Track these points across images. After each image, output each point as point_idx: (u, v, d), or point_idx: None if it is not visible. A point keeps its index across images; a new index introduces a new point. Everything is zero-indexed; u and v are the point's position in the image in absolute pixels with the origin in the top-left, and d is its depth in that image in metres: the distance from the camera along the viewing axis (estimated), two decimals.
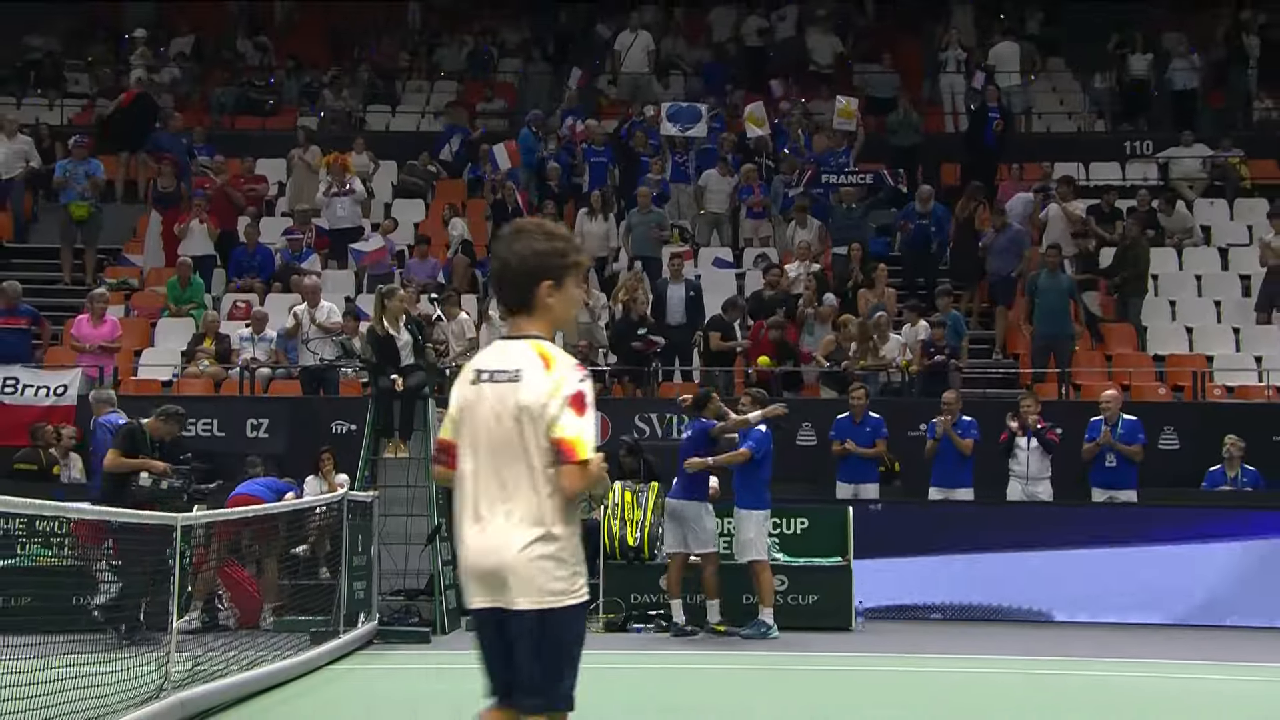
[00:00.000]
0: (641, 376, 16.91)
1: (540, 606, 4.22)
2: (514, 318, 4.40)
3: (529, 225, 4.45)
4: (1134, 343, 18.16)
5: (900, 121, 21.65)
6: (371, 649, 11.53)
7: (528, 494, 4.26)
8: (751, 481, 12.38)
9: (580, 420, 4.21)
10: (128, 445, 11.81)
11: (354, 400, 15.67)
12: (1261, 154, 21.74)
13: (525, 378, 4.28)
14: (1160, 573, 13.69)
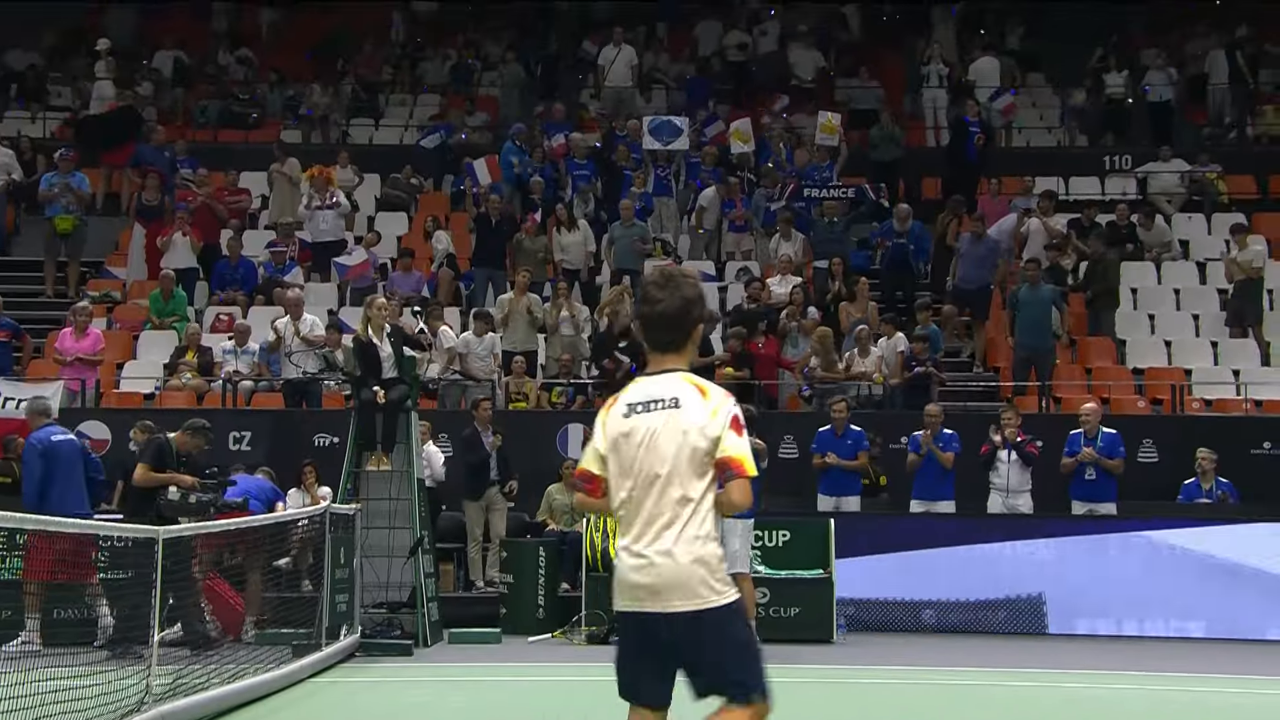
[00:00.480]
0: (617, 390, 16.84)
1: (704, 607, 4.57)
2: (659, 355, 4.82)
3: (678, 273, 4.85)
4: (1113, 356, 18.25)
5: (882, 136, 21.73)
6: (354, 662, 11.50)
7: (685, 511, 4.61)
8: None
9: (742, 440, 4.62)
10: (156, 460, 11.84)
11: (336, 413, 15.65)
12: (1239, 169, 21.88)
13: (684, 405, 4.69)
14: (1141, 584, 13.73)
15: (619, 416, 4.77)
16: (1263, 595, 13.60)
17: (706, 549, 4.62)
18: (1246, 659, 12.41)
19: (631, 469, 4.69)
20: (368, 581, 12.40)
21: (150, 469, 11.76)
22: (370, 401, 12.79)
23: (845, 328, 17.37)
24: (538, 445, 15.81)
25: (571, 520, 14.49)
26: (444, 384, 16.74)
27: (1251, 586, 13.62)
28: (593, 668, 11.38)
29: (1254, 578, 13.62)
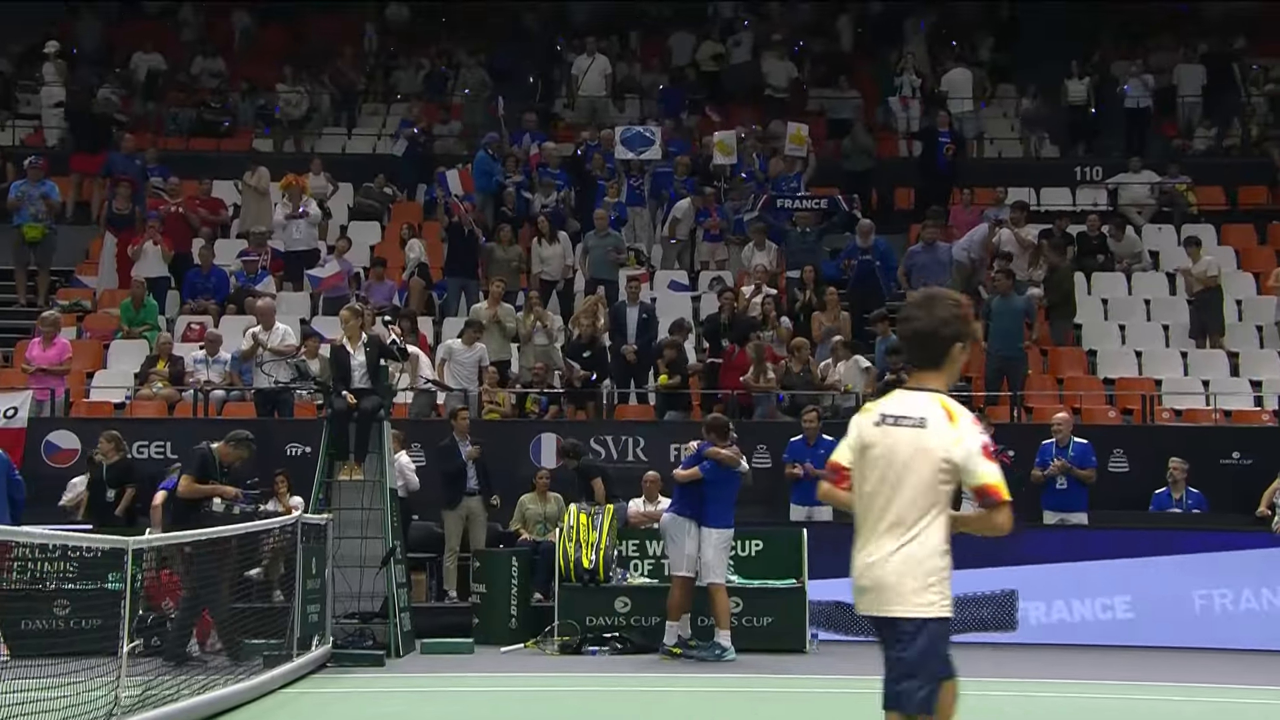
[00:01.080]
0: (582, 399, 16.84)
1: (919, 615, 4.83)
2: (919, 372, 5.03)
3: (940, 294, 5.07)
4: (1084, 366, 18.33)
5: (854, 146, 21.79)
6: (325, 672, 11.45)
7: (916, 523, 4.86)
8: (715, 502, 12.30)
9: (994, 466, 4.89)
10: (200, 471, 11.85)
11: (309, 422, 15.57)
12: (1208, 181, 22.03)
13: (930, 426, 4.91)
14: (1112, 595, 13.78)
15: (870, 424, 5.01)
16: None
17: (925, 564, 4.84)
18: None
19: (869, 477, 4.94)
20: (340, 591, 12.35)
21: (194, 480, 11.80)
22: (343, 410, 12.75)
23: (818, 337, 17.39)
24: (511, 455, 15.77)
25: (544, 530, 14.48)
26: (418, 393, 16.67)
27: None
28: (565, 678, 11.39)
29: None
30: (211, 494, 11.89)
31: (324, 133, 24.28)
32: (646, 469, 15.14)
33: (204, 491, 11.83)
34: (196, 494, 11.78)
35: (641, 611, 13.04)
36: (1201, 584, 13.75)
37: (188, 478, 11.80)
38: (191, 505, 11.77)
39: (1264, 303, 18.96)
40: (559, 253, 19.14)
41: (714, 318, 17.93)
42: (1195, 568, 13.79)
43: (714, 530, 12.27)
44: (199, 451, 12.03)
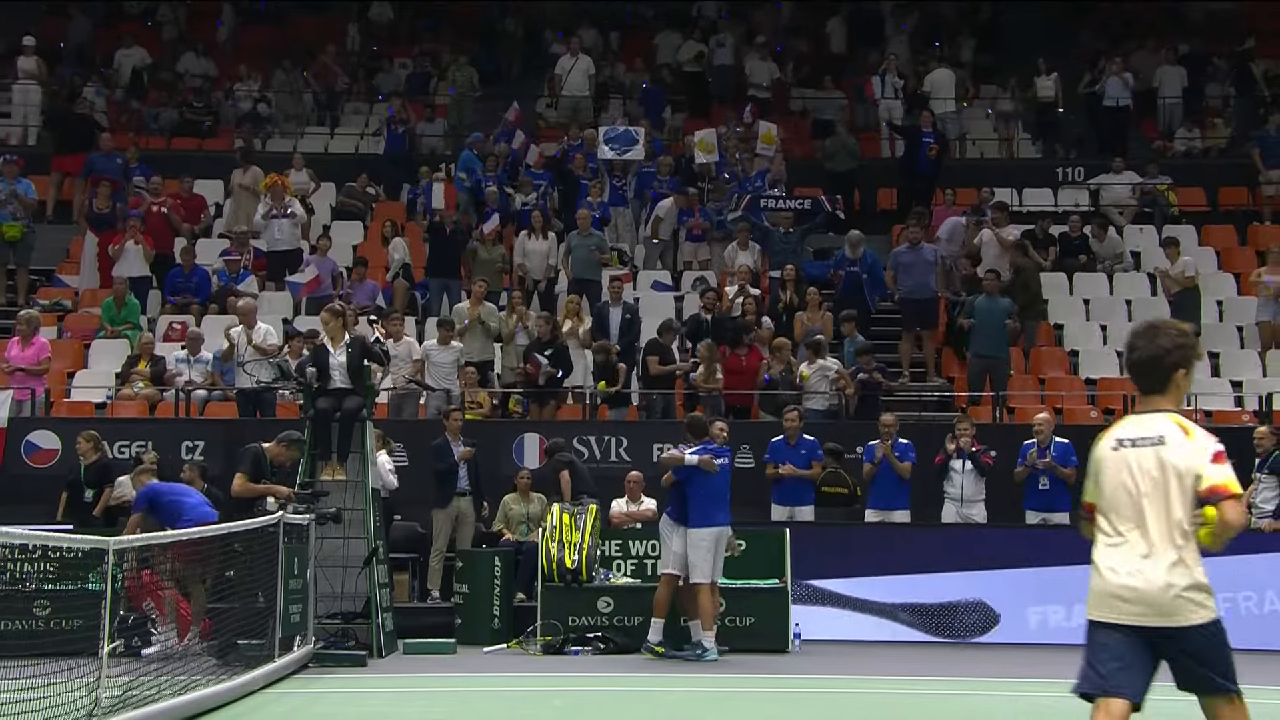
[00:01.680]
0: (541, 398, 16.81)
1: (1198, 622, 5.08)
2: (1147, 397, 5.34)
3: (1162, 324, 5.35)
4: (1065, 366, 18.38)
5: (836, 146, 21.80)
6: (307, 673, 11.41)
7: (1166, 535, 5.10)
8: (695, 501, 12.27)
9: (1225, 468, 5.09)
10: (253, 470, 11.88)
11: (291, 423, 15.49)
12: (1189, 182, 22.11)
13: (1169, 443, 5.17)
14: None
15: (1108, 450, 5.30)
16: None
17: (1194, 571, 5.08)
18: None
19: (1116, 497, 5.21)
20: (322, 592, 12.32)
21: (248, 479, 11.83)
22: (325, 410, 12.72)
23: (800, 337, 17.39)
24: (494, 455, 15.75)
25: (527, 530, 14.46)
26: (400, 393, 16.63)
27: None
28: (548, 679, 11.37)
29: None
30: (265, 494, 11.93)
31: (306, 132, 24.22)
32: (629, 469, 15.14)
33: (257, 491, 11.90)
34: (250, 493, 11.86)
35: (624, 612, 13.03)
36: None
37: (241, 477, 11.86)
38: (244, 505, 11.81)
39: (1244, 303, 19.05)
40: (544, 250, 19.10)
41: (696, 318, 17.93)
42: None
43: (694, 530, 12.24)
44: (251, 451, 12.09)
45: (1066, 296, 19.74)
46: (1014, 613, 14.02)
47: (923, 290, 18.28)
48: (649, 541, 13.60)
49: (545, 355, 16.60)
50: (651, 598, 12.91)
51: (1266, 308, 18.39)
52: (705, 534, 12.21)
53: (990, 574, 14.08)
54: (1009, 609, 14.02)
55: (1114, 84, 23.14)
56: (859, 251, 18.34)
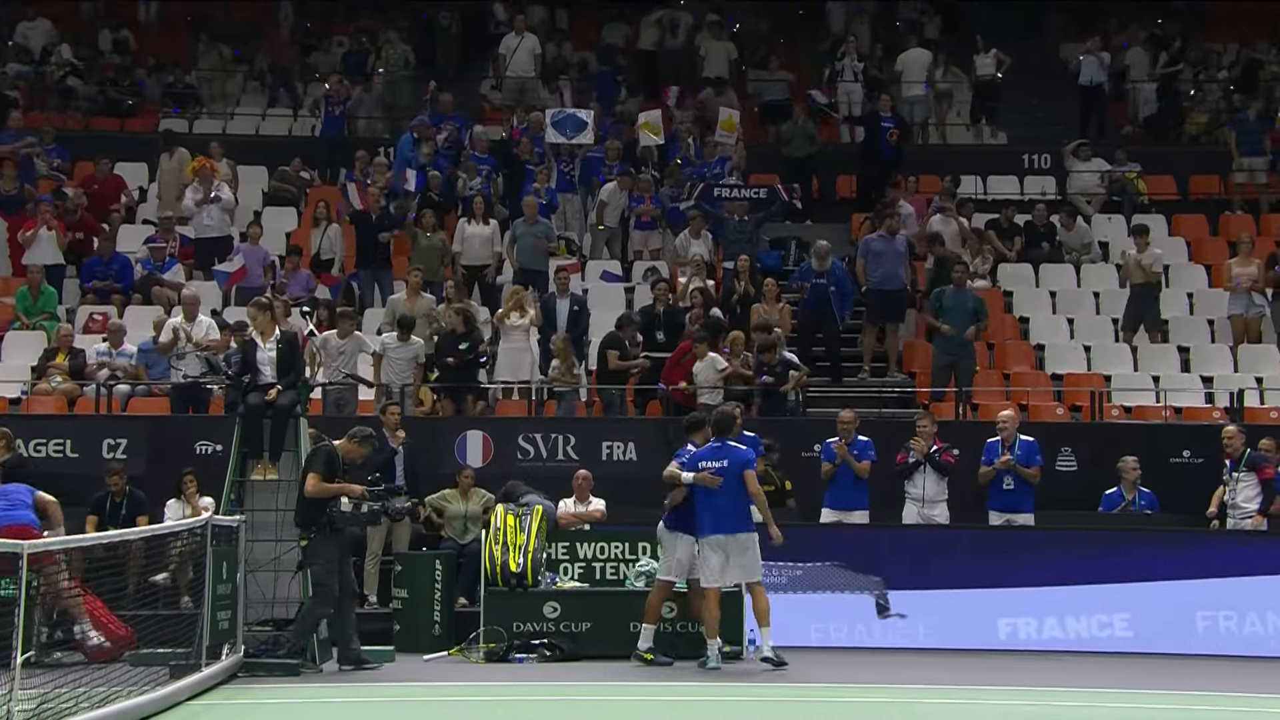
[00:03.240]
0: (459, 393, 16.79)
1: None
2: None
3: None
4: (1031, 361, 18.52)
5: (794, 131, 21.87)
6: (236, 682, 11.36)
7: None
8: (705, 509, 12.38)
9: None
10: (327, 469, 11.89)
11: (220, 420, 15.46)
12: (1159, 170, 22.33)
13: None
14: (1058, 598, 13.95)
15: None
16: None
17: None
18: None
19: None
20: (252, 597, 12.26)
21: (322, 479, 11.82)
22: (257, 406, 12.67)
23: (754, 330, 17.40)
24: (436, 453, 15.72)
25: (464, 530, 14.45)
26: (340, 389, 16.56)
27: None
28: (491, 687, 11.37)
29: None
30: (339, 493, 11.94)
31: (235, 113, 24.03)
32: (577, 468, 15.16)
33: (332, 491, 11.88)
34: (325, 493, 11.85)
35: (571, 617, 13.04)
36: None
37: (315, 476, 11.84)
38: (318, 505, 11.85)
39: (1216, 296, 19.24)
40: (486, 236, 19.05)
41: (649, 310, 17.95)
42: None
43: (706, 538, 12.26)
44: (324, 449, 12.08)
45: (1032, 289, 19.90)
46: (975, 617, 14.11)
47: (892, 281, 18.27)
48: (597, 544, 13.63)
49: (461, 348, 16.57)
50: (602, 602, 12.96)
51: (1238, 301, 18.61)
52: (716, 541, 12.20)
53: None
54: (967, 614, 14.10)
55: (1089, 63, 23.34)
56: (827, 263, 18.03)
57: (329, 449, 12.09)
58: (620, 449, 16.17)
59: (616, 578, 13.51)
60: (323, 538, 11.87)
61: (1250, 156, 21.87)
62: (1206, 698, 11.29)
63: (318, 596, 11.86)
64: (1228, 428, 14.76)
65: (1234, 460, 14.36)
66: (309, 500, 11.87)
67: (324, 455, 12.00)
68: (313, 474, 11.85)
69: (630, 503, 15.25)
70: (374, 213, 19.07)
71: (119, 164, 21.04)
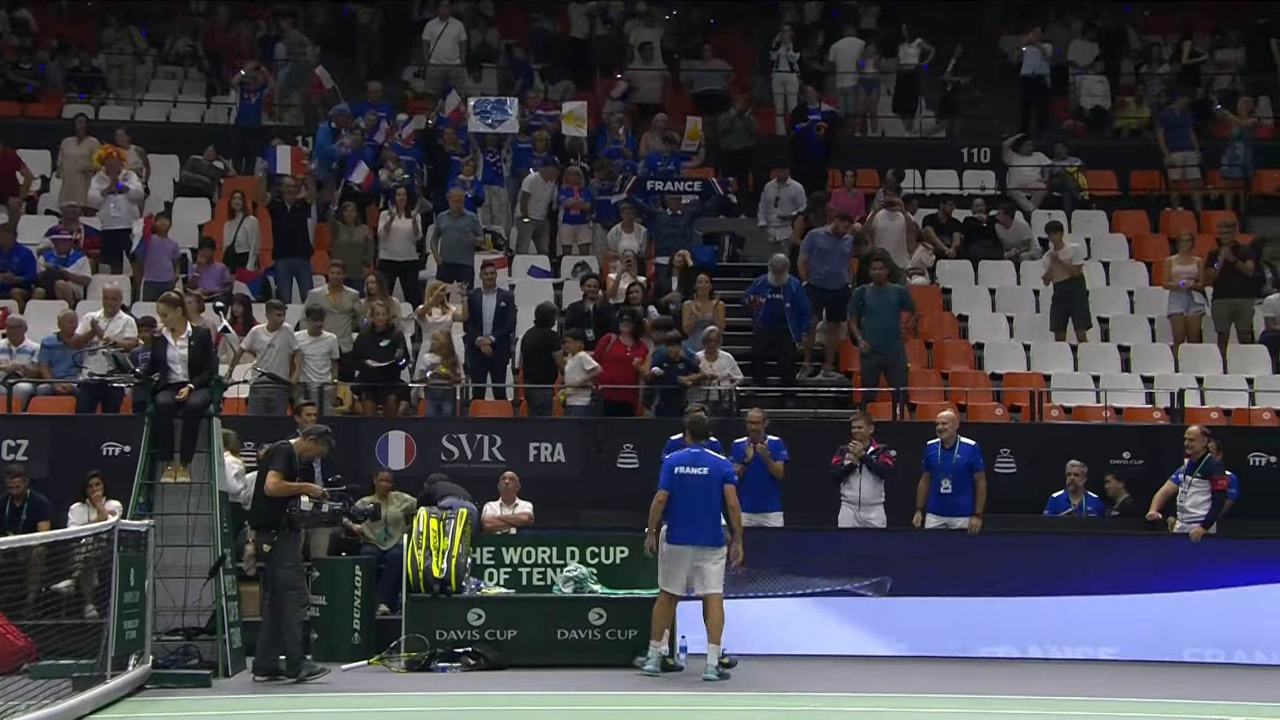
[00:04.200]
0: (379, 393, 16.70)
1: None
2: None
3: None
4: (970, 360, 18.66)
5: (734, 123, 21.92)
6: (144, 694, 11.23)
7: None
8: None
9: None
10: (288, 468, 11.93)
11: (128, 420, 15.25)
12: (1100, 164, 22.59)
13: None
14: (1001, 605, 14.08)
15: None
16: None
17: None
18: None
19: None
20: (161, 605, 12.15)
21: (283, 478, 11.85)
22: (167, 406, 12.54)
23: (689, 328, 17.44)
24: (355, 454, 15.60)
25: (384, 535, 14.34)
26: (267, 389, 16.39)
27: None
28: (413, 697, 11.32)
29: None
30: (299, 492, 12.03)
31: (144, 99, 23.71)
32: (504, 469, 15.10)
33: (293, 490, 11.96)
34: (286, 492, 11.92)
35: (496, 625, 12.98)
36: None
37: (276, 474, 11.87)
38: (278, 505, 11.88)
39: (1157, 294, 19.47)
40: (408, 230, 18.93)
41: (578, 306, 17.91)
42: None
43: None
44: (283, 449, 12.11)
45: (971, 286, 20.05)
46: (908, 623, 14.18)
47: (834, 280, 18.16)
48: (524, 548, 13.58)
49: (382, 345, 16.47)
50: (529, 609, 12.94)
51: (1178, 300, 18.85)
52: (685, 551, 12.28)
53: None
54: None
55: (1031, 54, 23.57)
56: (784, 278, 17.62)
57: (288, 447, 12.13)
58: (548, 450, 16.12)
59: (544, 583, 13.46)
60: (285, 538, 11.94)
61: (1179, 151, 22.16)
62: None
63: (291, 600, 11.91)
64: (1191, 428, 14.73)
65: (1191, 462, 14.34)
66: (269, 500, 11.90)
67: (284, 453, 12.06)
68: (274, 472, 11.90)
69: (559, 505, 15.23)
70: (289, 202, 18.89)
71: (20, 152, 20.68)
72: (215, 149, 21.58)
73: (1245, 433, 16.68)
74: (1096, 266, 19.81)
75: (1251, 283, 18.89)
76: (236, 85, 22.57)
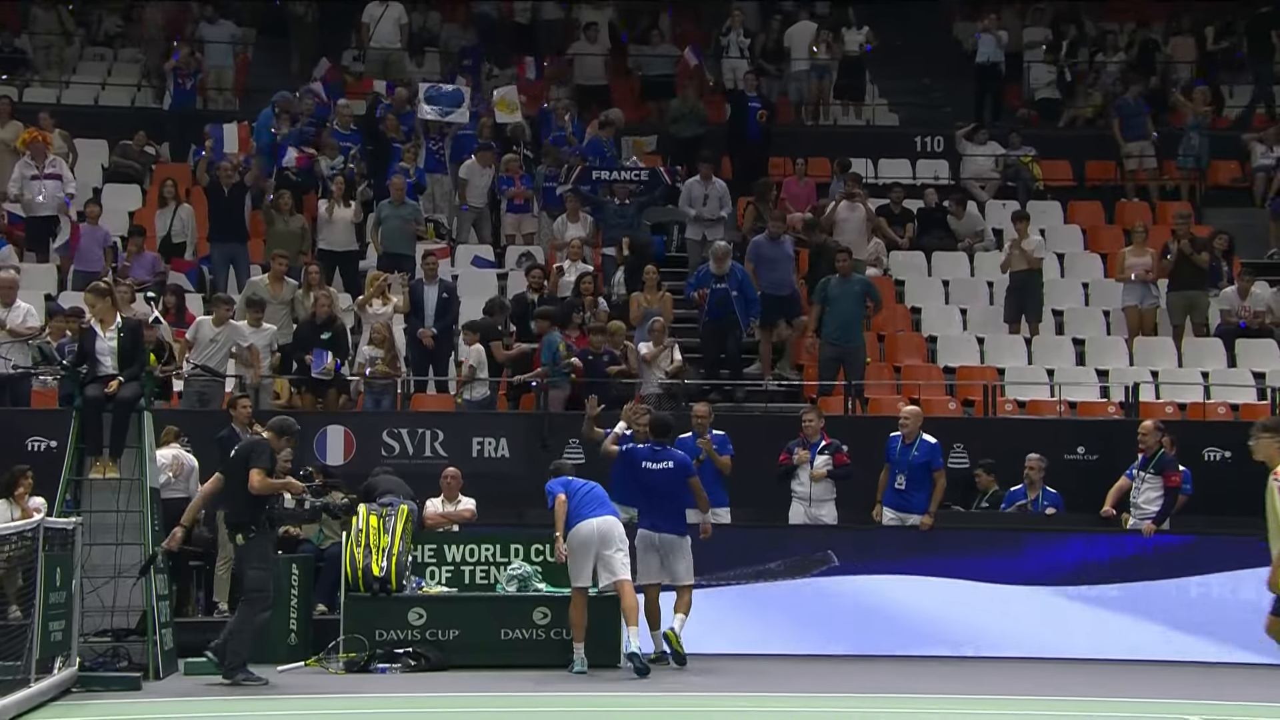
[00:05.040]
0: (318, 386, 16.60)
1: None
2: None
3: None
4: (923, 354, 18.74)
5: (683, 110, 21.90)
6: (70, 698, 11.10)
7: None
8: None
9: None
10: (271, 464, 11.83)
11: (54, 414, 15.10)
12: (1055, 154, 22.74)
13: None
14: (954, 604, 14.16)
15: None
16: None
17: None
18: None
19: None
20: (89, 606, 12.02)
21: (266, 475, 11.73)
22: (95, 399, 12.42)
23: (635, 319, 17.43)
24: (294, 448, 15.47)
25: (321, 536, 14.25)
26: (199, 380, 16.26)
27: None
28: (351, 700, 11.26)
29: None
30: (283, 489, 12.00)
31: (72, 81, 23.43)
32: (446, 464, 15.04)
33: (276, 487, 11.90)
34: (271, 489, 11.82)
35: (437, 624, 12.93)
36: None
37: (259, 472, 11.72)
38: (258, 503, 11.77)
39: (1111, 286, 19.64)
40: (347, 219, 18.81)
41: (522, 297, 17.87)
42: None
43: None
44: (264, 444, 12.01)
45: (924, 277, 20.14)
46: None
47: (782, 287, 18.01)
48: (467, 546, 13.55)
49: (323, 337, 16.36)
50: (471, 609, 12.97)
51: (1133, 292, 19.00)
52: (650, 539, 12.99)
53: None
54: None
55: (986, 41, 23.69)
56: (725, 266, 17.40)
57: (265, 443, 12.04)
58: (492, 445, 16.10)
59: (487, 582, 13.44)
60: (260, 537, 11.85)
61: (1134, 141, 22.34)
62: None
63: (255, 601, 11.79)
64: (1145, 423, 14.79)
65: (1145, 457, 14.44)
66: (251, 498, 11.76)
67: (266, 450, 11.96)
68: (258, 470, 11.77)
69: (502, 502, 15.20)
70: (225, 186, 18.74)
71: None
72: (146, 134, 21.37)
73: (1200, 427, 16.85)
74: (1051, 259, 19.92)
75: (1206, 275, 19.07)
76: (170, 71, 22.35)
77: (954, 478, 15.40)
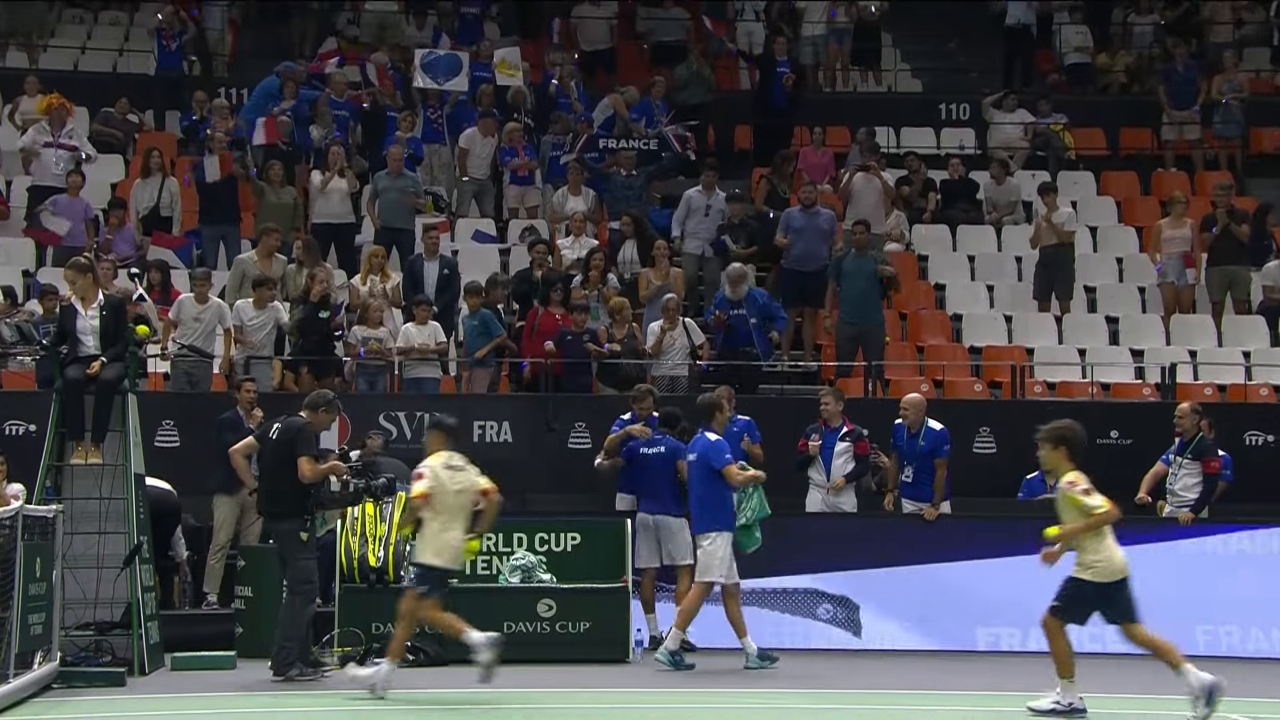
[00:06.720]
0: (325, 367, 16.61)
1: None
2: None
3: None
4: (948, 333, 18.68)
5: (690, 76, 21.83)
6: (51, 694, 11.12)
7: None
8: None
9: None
10: (316, 449, 11.90)
11: (34, 395, 15.12)
12: (1087, 122, 22.62)
13: None
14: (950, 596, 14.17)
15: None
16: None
17: None
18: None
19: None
20: (71, 598, 12.02)
21: (314, 461, 11.74)
22: (77, 381, 12.41)
23: (645, 297, 17.38)
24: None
25: (322, 522, 14.22)
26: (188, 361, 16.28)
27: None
28: (346, 695, 11.24)
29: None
30: (330, 473, 11.94)
31: (49, 46, 23.39)
32: None
33: (324, 472, 11.86)
34: (320, 476, 11.81)
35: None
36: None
37: (308, 460, 11.70)
38: (307, 491, 11.76)
39: (1147, 261, 19.53)
40: (342, 191, 18.77)
41: (525, 273, 17.84)
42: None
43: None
44: (309, 428, 11.93)
45: (948, 252, 20.07)
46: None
47: (808, 261, 17.79)
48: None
49: (320, 317, 16.37)
50: (472, 600, 12.86)
51: (1170, 268, 18.91)
52: (645, 521, 13.48)
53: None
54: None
55: (1016, 4, 23.55)
56: (741, 290, 16.84)
57: (311, 427, 11.98)
58: (494, 429, 16.09)
59: (489, 573, 13.45)
60: (310, 525, 11.87)
61: (1182, 109, 22.21)
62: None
63: (306, 593, 11.79)
64: (1182, 405, 14.71)
65: (1182, 442, 14.37)
66: (301, 486, 11.73)
67: (311, 434, 11.95)
68: (306, 457, 11.75)
69: (505, 489, 15.11)
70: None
71: None
72: (129, 101, 21.35)
73: (1240, 410, 16.80)
74: (1084, 232, 19.87)
75: (1248, 249, 18.95)
76: (153, 31, 22.29)
77: (978, 462, 15.36)
